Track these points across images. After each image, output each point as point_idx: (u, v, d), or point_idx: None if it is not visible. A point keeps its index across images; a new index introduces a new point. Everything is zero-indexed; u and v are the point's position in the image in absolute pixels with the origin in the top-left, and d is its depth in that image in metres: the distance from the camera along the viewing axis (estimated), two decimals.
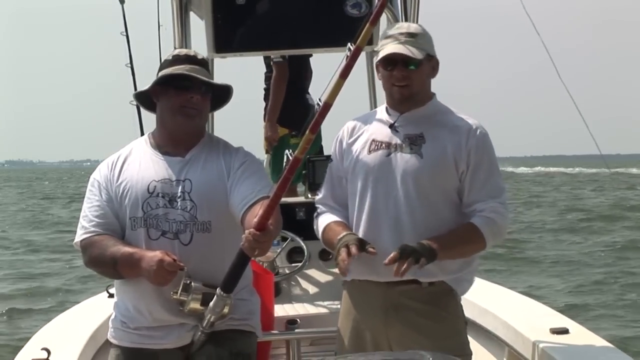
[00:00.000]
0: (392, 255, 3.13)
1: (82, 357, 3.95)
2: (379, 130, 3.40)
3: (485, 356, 4.51)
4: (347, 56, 3.11)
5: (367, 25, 3.05)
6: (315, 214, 3.54)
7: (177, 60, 3.32)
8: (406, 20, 4.85)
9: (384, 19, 5.01)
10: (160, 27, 5.15)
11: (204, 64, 3.37)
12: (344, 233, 3.31)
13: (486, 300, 4.58)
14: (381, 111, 3.48)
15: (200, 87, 3.27)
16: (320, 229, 3.48)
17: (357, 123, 3.50)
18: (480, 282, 4.02)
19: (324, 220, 3.46)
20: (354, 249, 3.19)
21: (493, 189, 3.34)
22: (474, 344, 4.48)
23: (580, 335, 4.01)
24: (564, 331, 3.99)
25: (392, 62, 3.31)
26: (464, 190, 3.33)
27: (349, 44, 3.11)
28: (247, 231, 2.96)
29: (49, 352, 3.71)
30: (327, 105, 3.03)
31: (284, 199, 5.63)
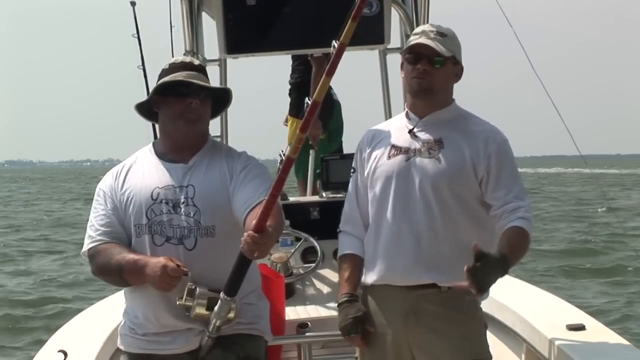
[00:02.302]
0: (466, 268, 3.00)
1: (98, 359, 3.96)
2: (399, 135, 3.41)
3: (505, 352, 4.51)
4: (332, 54, 3.09)
5: (349, 21, 3.02)
6: (338, 229, 3.54)
7: (173, 68, 3.34)
8: (417, 19, 4.85)
9: (396, 18, 5.02)
10: (173, 28, 5.17)
11: (202, 70, 3.39)
12: (345, 299, 3.37)
13: (505, 295, 4.57)
14: (400, 118, 3.49)
15: (199, 93, 3.29)
16: (339, 254, 3.53)
17: (376, 131, 3.51)
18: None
19: (343, 247, 3.49)
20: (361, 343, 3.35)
21: (516, 191, 3.31)
22: (493, 340, 4.49)
23: (597, 331, 4.00)
24: (580, 327, 3.98)
25: (417, 57, 3.31)
26: (487, 193, 3.30)
27: (333, 42, 3.10)
28: (245, 233, 2.97)
29: (65, 355, 3.72)
30: (316, 104, 3.04)
31: (298, 199, 5.65)
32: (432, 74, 3.31)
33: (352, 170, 3.53)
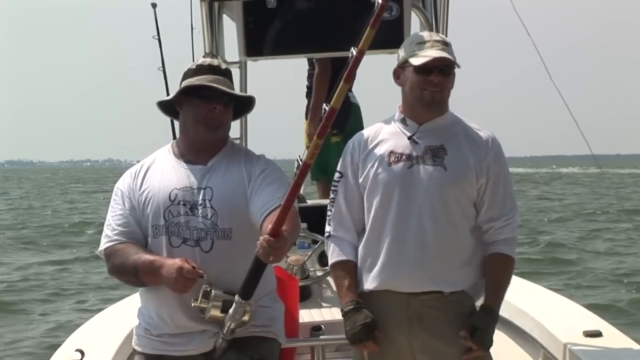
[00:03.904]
0: (462, 333, 3.29)
1: (115, 359, 3.99)
2: (397, 141, 3.38)
3: (522, 357, 4.51)
4: (350, 60, 3.10)
5: (368, 28, 3.03)
6: (327, 234, 3.51)
7: (200, 70, 3.34)
8: (436, 24, 4.85)
9: (416, 22, 5.02)
10: (194, 29, 5.19)
11: (228, 74, 3.39)
12: (351, 306, 3.36)
13: (523, 300, 4.58)
14: (393, 123, 3.46)
15: (222, 98, 3.30)
16: (330, 261, 3.50)
17: (367, 136, 3.47)
18: (516, 281, 4.03)
19: (338, 253, 3.45)
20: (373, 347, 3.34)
21: (509, 202, 3.40)
22: (511, 345, 4.49)
23: (613, 338, 4.00)
24: (597, 334, 3.99)
25: (429, 68, 3.29)
26: (482, 204, 3.36)
27: (352, 48, 3.11)
28: (261, 237, 2.97)
29: (82, 354, 3.75)
30: (333, 110, 3.05)
31: (316, 202, 5.65)
32: (444, 83, 3.32)
33: (338, 174, 3.48)
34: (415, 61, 3.30)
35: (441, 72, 3.29)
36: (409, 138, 3.37)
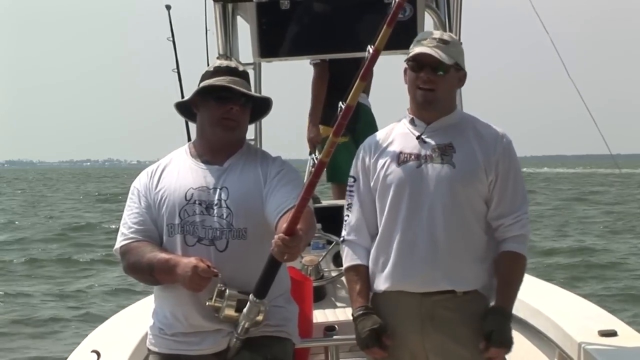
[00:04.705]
0: (481, 345, 3.27)
1: None
2: (406, 142, 3.39)
3: (538, 357, 4.51)
4: (366, 59, 3.13)
5: (384, 27, 3.05)
6: (342, 238, 3.53)
7: (218, 71, 3.36)
8: (449, 24, 4.86)
9: (429, 23, 5.03)
10: (208, 31, 5.21)
11: (245, 76, 3.41)
12: (360, 312, 3.37)
13: (538, 300, 4.58)
14: (403, 124, 3.47)
15: (240, 99, 3.31)
16: (344, 265, 3.52)
17: (377, 139, 3.48)
18: (532, 281, 4.02)
19: (351, 258, 3.47)
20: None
21: (519, 199, 3.39)
22: (526, 345, 4.49)
23: (628, 337, 3.99)
24: (612, 333, 3.98)
25: (420, 65, 3.31)
26: (492, 200, 3.35)
27: (368, 47, 3.13)
28: (276, 236, 2.98)
29: (98, 355, 3.77)
30: (349, 108, 3.06)
31: (330, 202, 5.66)
32: (436, 81, 3.31)
33: (352, 179, 3.49)
34: (408, 56, 3.34)
35: (433, 69, 3.30)
36: (417, 137, 3.37)
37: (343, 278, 4.76)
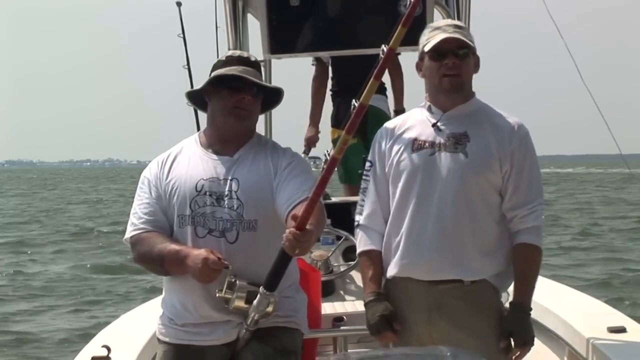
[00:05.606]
0: (502, 344, 3.31)
1: (141, 356, 4.02)
2: (422, 129, 3.40)
3: (547, 354, 4.53)
4: (380, 58, 3.14)
5: (400, 26, 3.06)
6: (356, 223, 3.53)
7: (230, 61, 3.37)
8: (459, 20, 4.86)
9: (437, 18, 5.04)
10: (218, 28, 5.23)
11: (257, 66, 3.42)
12: (371, 297, 3.39)
13: (547, 298, 4.58)
14: (420, 111, 3.47)
15: (251, 89, 3.32)
16: (358, 250, 3.54)
17: (395, 125, 3.49)
18: (539, 279, 4.03)
19: (365, 242, 3.48)
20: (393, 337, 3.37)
21: (534, 190, 3.38)
22: (536, 343, 4.49)
23: (637, 333, 4.00)
24: (621, 330, 3.98)
25: (441, 53, 3.31)
26: (506, 191, 3.35)
27: (382, 46, 3.14)
28: (287, 230, 2.99)
29: (109, 350, 3.79)
30: (362, 106, 3.08)
31: (340, 199, 5.67)
32: (461, 66, 3.32)
33: (369, 164, 3.51)
34: (428, 46, 3.33)
35: (456, 55, 3.30)
36: (433, 125, 3.38)
37: (352, 272, 4.79)
